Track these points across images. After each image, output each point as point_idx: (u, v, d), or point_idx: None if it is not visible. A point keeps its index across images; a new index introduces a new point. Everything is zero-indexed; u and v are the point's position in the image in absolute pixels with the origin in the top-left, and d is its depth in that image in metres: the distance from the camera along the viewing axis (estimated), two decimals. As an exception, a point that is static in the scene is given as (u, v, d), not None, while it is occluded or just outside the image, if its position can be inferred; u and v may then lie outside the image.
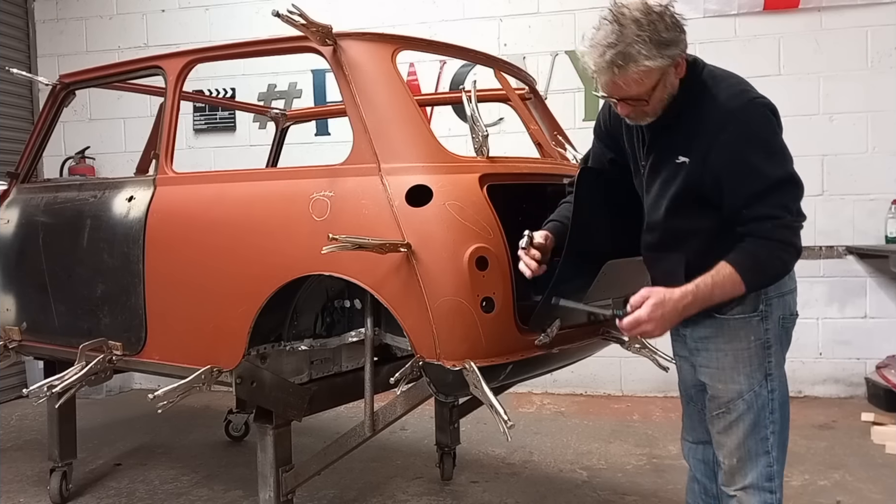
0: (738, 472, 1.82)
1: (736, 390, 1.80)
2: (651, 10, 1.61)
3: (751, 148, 1.65)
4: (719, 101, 1.68)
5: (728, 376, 1.81)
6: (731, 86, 1.71)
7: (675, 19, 1.63)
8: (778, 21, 4.60)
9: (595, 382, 4.89)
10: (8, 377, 4.99)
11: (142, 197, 2.52)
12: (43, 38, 5.60)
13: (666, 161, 1.76)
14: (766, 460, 1.80)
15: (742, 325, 1.79)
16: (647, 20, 1.60)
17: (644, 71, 1.61)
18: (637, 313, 1.66)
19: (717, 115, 1.67)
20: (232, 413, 4.02)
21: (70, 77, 2.99)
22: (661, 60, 1.61)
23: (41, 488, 3.27)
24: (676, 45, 1.62)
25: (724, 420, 1.83)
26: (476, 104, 2.04)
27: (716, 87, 1.71)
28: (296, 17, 1.99)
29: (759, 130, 1.67)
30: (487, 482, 3.33)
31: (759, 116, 1.67)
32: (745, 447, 1.81)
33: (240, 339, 2.20)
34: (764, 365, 1.80)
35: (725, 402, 1.82)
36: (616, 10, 1.62)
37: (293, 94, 5.21)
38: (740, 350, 1.79)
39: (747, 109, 1.67)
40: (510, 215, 2.08)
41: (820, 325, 4.59)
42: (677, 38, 1.62)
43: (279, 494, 2.32)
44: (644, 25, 1.59)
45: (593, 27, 1.65)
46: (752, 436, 1.80)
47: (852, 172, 4.54)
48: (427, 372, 1.97)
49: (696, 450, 2.07)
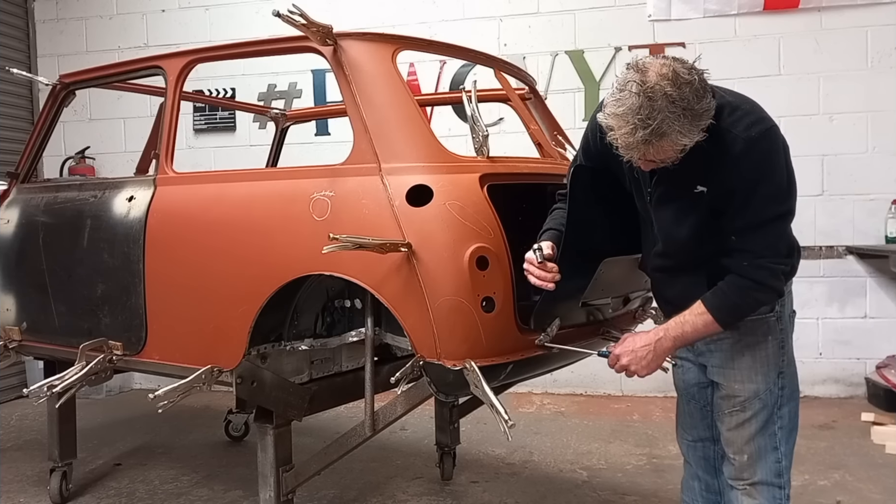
0: (747, 468, 1.85)
1: (753, 389, 1.83)
2: (679, 79, 1.54)
3: (768, 178, 1.66)
4: (738, 131, 1.65)
5: (746, 376, 1.83)
6: (746, 114, 1.68)
7: (703, 80, 1.58)
8: (778, 21, 4.60)
9: (595, 382, 4.89)
10: (8, 377, 4.99)
11: (142, 197, 2.52)
12: (43, 38, 5.60)
13: (681, 190, 1.73)
14: (776, 456, 1.84)
15: (760, 324, 1.81)
16: (679, 95, 1.53)
17: (675, 145, 1.58)
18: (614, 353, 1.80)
19: (738, 144, 1.64)
20: (232, 413, 4.03)
21: (70, 77, 2.99)
22: (698, 135, 1.57)
23: (41, 488, 3.27)
24: (710, 111, 1.57)
25: (738, 418, 1.85)
26: (476, 104, 2.04)
27: (732, 116, 1.67)
28: (296, 17, 1.99)
29: (778, 161, 1.67)
30: (487, 482, 3.33)
31: (770, 148, 1.66)
32: (755, 443, 1.84)
33: (240, 338, 2.20)
34: (778, 363, 1.84)
35: (741, 400, 1.84)
36: (642, 83, 1.54)
37: (293, 94, 5.21)
38: (759, 350, 1.83)
39: (767, 139, 1.66)
40: (510, 215, 2.08)
41: (820, 325, 4.59)
42: (709, 104, 1.57)
43: (279, 494, 2.32)
44: (677, 101, 1.52)
45: (615, 90, 1.59)
46: (763, 432, 1.84)
47: (852, 172, 4.54)
48: (427, 372, 1.97)
49: (696, 447, 2.08)
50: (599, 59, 4.80)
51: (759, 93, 2.18)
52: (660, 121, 1.52)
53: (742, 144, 1.64)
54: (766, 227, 1.68)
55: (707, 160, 1.65)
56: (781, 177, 1.68)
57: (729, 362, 1.86)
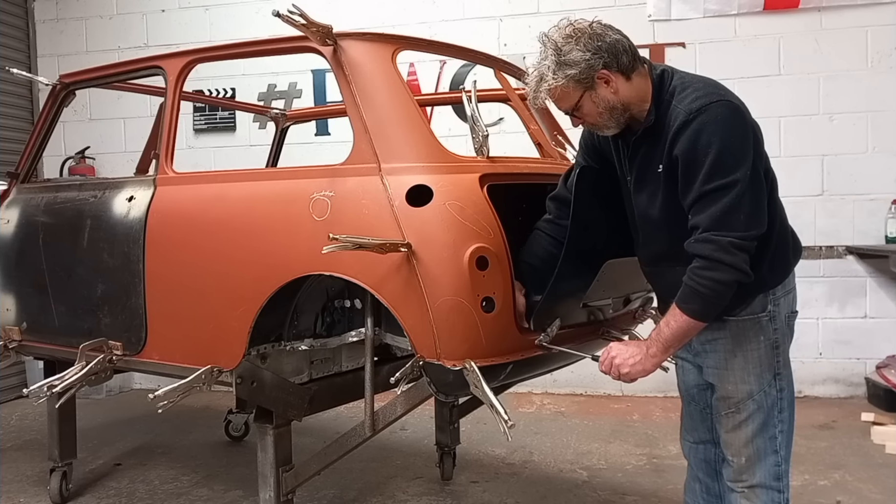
0: (746, 471, 1.84)
1: (746, 391, 1.82)
2: (572, 33, 1.71)
3: (711, 147, 1.63)
4: (682, 106, 1.69)
5: (738, 377, 1.82)
6: (696, 90, 1.71)
7: (592, 38, 1.71)
8: (778, 21, 4.60)
9: (595, 382, 4.89)
10: (8, 377, 4.99)
11: (142, 197, 2.52)
12: (43, 38, 5.60)
13: (647, 172, 1.79)
14: (775, 459, 1.83)
15: (751, 325, 1.80)
16: (561, 44, 1.71)
17: (555, 89, 1.73)
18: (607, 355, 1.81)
19: (679, 119, 1.68)
20: (232, 413, 4.03)
21: (70, 77, 2.99)
22: (562, 80, 1.70)
23: (41, 488, 3.27)
24: (580, 65, 1.70)
25: (734, 419, 1.84)
26: (476, 104, 2.03)
27: (682, 93, 1.72)
28: (296, 17, 1.99)
29: (711, 134, 1.64)
30: (487, 482, 3.33)
31: (713, 119, 1.65)
32: (753, 446, 1.83)
33: (240, 338, 2.20)
34: (773, 365, 1.82)
35: (735, 402, 1.83)
36: (544, 35, 1.75)
37: (293, 94, 5.21)
38: (750, 351, 1.81)
39: (712, 110, 1.66)
40: (510, 215, 2.08)
41: (820, 325, 4.59)
42: (583, 59, 1.69)
43: (279, 494, 2.32)
44: (555, 47, 1.71)
45: None
46: (761, 435, 1.82)
47: (852, 172, 4.54)
48: (427, 372, 1.97)
49: (697, 449, 2.07)
50: (599, 59, 4.80)
51: (759, 93, 2.20)
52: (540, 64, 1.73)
53: (682, 117, 1.67)
54: (709, 198, 1.64)
55: (662, 140, 1.71)
56: (724, 146, 1.63)
57: (722, 363, 1.85)
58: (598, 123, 1.80)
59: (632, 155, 1.84)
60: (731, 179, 1.62)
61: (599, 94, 1.74)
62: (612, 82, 1.73)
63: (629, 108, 1.77)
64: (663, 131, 1.72)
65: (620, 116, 1.78)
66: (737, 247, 1.62)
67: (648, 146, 1.77)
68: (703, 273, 1.64)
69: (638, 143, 1.81)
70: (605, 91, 1.74)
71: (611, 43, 1.72)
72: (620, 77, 1.74)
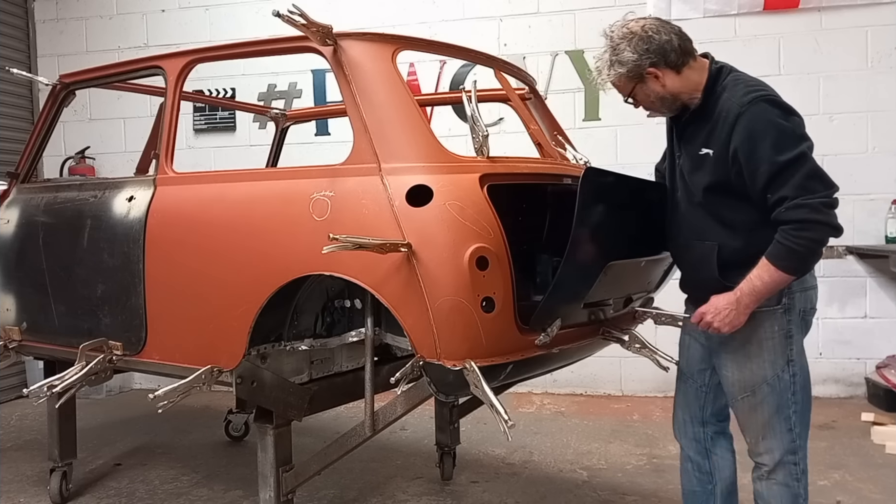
0: (765, 450, 2.03)
1: (761, 375, 2.00)
2: (627, 33, 1.97)
3: (771, 132, 1.84)
4: (735, 99, 1.91)
5: (754, 363, 2.01)
6: (748, 86, 1.94)
7: (642, 40, 1.96)
8: (778, 21, 4.60)
9: (595, 382, 4.89)
10: (8, 377, 4.99)
11: (142, 197, 2.52)
12: (43, 38, 5.61)
13: (692, 153, 2.02)
14: (790, 437, 2.00)
15: (767, 316, 1.98)
16: (616, 43, 1.98)
17: (612, 79, 2.03)
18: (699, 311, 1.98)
19: (733, 111, 1.89)
20: (232, 413, 4.03)
21: (70, 77, 2.99)
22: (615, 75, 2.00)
23: (41, 488, 3.27)
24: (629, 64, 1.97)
25: (749, 402, 2.03)
26: (476, 104, 2.03)
27: (734, 87, 1.95)
28: (296, 17, 1.99)
29: (767, 121, 1.86)
30: (487, 482, 3.33)
31: (765, 109, 1.87)
32: (769, 426, 2.01)
33: (240, 338, 2.20)
34: (786, 352, 2.00)
35: (751, 386, 2.02)
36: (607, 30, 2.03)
37: (293, 94, 5.21)
38: (765, 339, 1.99)
39: (761, 102, 1.88)
40: (510, 215, 2.08)
41: (820, 325, 4.58)
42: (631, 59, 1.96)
43: (279, 494, 2.32)
44: (612, 45, 1.99)
45: None
46: (777, 416, 2.00)
47: (852, 172, 4.53)
48: (427, 372, 1.97)
49: (687, 429, 2.24)
50: (599, 59, 4.80)
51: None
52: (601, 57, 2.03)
53: (736, 109, 1.89)
54: (785, 172, 1.82)
55: (710, 125, 1.96)
56: (782, 128, 1.85)
57: (739, 350, 2.02)
58: (652, 108, 2.09)
59: (680, 135, 2.10)
60: (799, 151, 1.83)
61: (649, 87, 2.01)
62: (660, 77, 1.99)
63: (679, 97, 2.02)
64: (712, 118, 1.96)
65: (672, 104, 2.04)
66: (826, 205, 1.82)
67: (695, 128, 2.02)
68: (800, 234, 1.81)
69: (686, 125, 2.06)
70: (654, 84, 2.00)
71: (659, 44, 1.96)
72: (669, 72, 1.98)
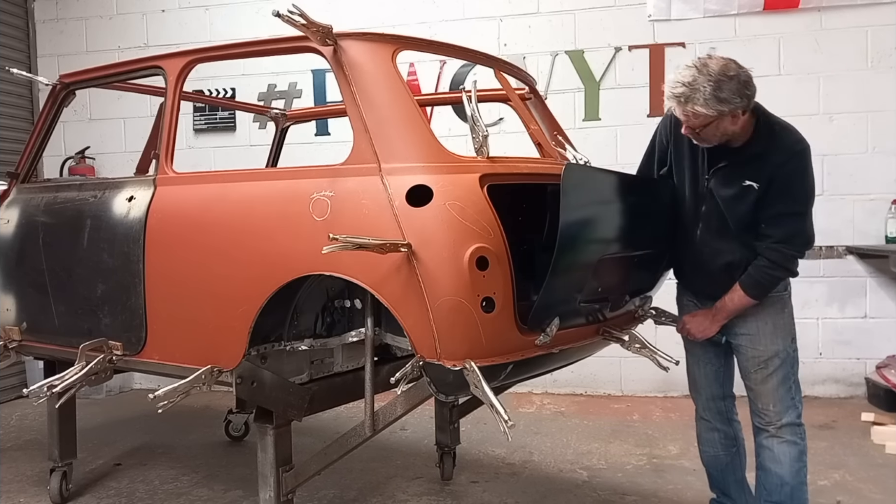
0: (775, 415, 2.34)
1: (774, 350, 2.34)
2: (727, 72, 2.10)
3: (798, 184, 2.21)
4: (786, 144, 2.21)
5: (769, 339, 2.34)
6: (793, 133, 2.25)
7: (742, 85, 2.11)
8: (778, 21, 4.60)
9: (595, 382, 4.89)
10: (8, 377, 4.99)
11: (142, 197, 2.52)
12: (43, 38, 5.60)
13: (734, 182, 2.25)
14: (794, 402, 2.35)
15: (778, 300, 2.35)
16: (717, 78, 2.09)
17: (696, 112, 2.12)
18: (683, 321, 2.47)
19: (785, 154, 2.20)
20: (232, 413, 4.03)
21: (70, 77, 2.99)
22: (711, 111, 2.10)
23: (41, 488, 3.27)
24: (730, 104, 2.10)
25: (762, 374, 2.35)
26: (476, 104, 2.03)
27: (783, 133, 2.24)
28: (296, 17, 1.99)
29: (808, 174, 2.23)
30: (487, 482, 3.33)
31: (805, 164, 2.22)
32: (778, 394, 2.34)
33: (240, 338, 2.20)
34: (792, 329, 2.38)
35: (765, 359, 2.34)
36: (703, 60, 2.14)
37: (293, 94, 5.21)
38: (777, 319, 2.35)
39: (805, 156, 2.22)
40: (510, 215, 2.08)
41: (820, 325, 4.59)
42: (735, 100, 2.10)
43: (279, 494, 2.32)
44: (713, 81, 2.08)
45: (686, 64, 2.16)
46: (783, 384, 2.34)
47: (852, 172, 4.54)
48: (427, 372, 1.97)
49: (710, 405, 2.55)
50: (599, 59, 4.80)
51: (759, 93, 2.20)
52: (693, 88, 2.10)
53: (787, 156, 2.20)
54: (787, 220, 2.22)
55: (758, 163, 2.22)
56: (808, 186, 2.23)
57: (755, 330, 2.35)
58: (706, 139, 2.22)
59: (711, 160, 2.30)
60: (805, 210, 2.24)
61: (725, 124, 2.16)
62: (738, 119, 2.17)
63: (735, 137, 2.21)
64: (762, 157, 2.21)
65: (726, 139, 2.22)
66: (795, 258, 2.26)
67: (741, 163, 2.24)
68: (768, 272, 2.25)
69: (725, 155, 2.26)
70: (729, 123, 2.16)
71: (753, 92, 2.15)
72: (743, 117, 2.18)
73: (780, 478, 2.33)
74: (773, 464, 2.34)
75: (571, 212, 1.96)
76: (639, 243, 2.39)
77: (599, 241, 2.18)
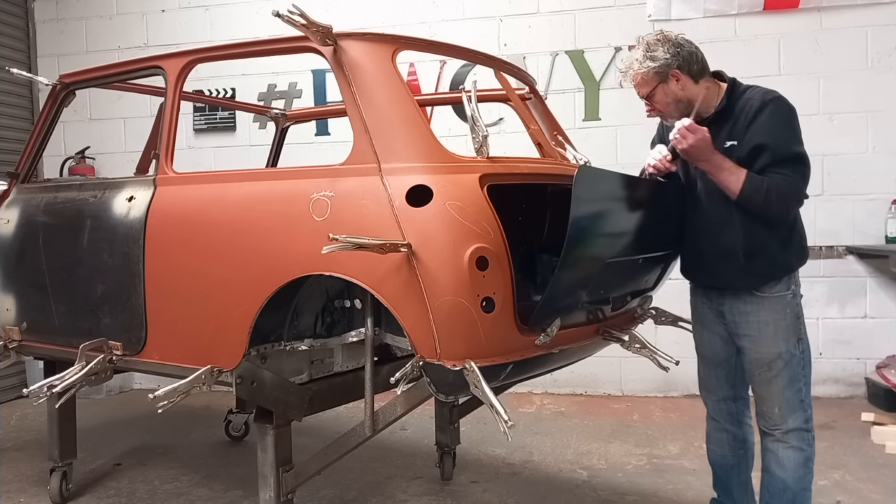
0: (780, 419, 2.29)
1: (776, 352, 2.28)
2: (658, 38, 2.27)
3: (783, 126, 2.18)
4: (757, 97, 2.22)
5: (770, 342, 2.28)
6: (766, 90, 2.26)
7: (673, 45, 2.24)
8: (778, 21, 4.60)
9: (595, 382, 4.89)
10: (8, 377, 4.99)
11: (142, 197, 2.52)
12: (43, 38, 5.60)
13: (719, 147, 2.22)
14: (802, 407, 2.29)
15: (779, 301, 2.28)
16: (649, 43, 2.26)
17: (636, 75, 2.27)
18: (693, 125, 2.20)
19: (757, 104, 2.20)
20: (232, 413, 4.03)
21: (70, 77, 2.99)
22: (646, 69, 2.25)
23: (41, 488, 3.27)
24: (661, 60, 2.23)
25: (766, 376, 2.30)
26: (476, 104, 2.03)
27: (753, 91, 2.26)
28: (296, 17, 1.99)
29: (789, 116, 2.20)
30: (487, 482, 3.33)
31: (788, 107, 2.21)
32: (784, 397, 2.28)
33: (240, 338, 2.20)
34: (797, 331, 2.30)
35: (767, 361, 2.29)
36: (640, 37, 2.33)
37: (293, 94, 5.21)
38: (779, 321, 2.28)
39: (780, 101, 2.21)
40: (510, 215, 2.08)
41: (820, 325, 4.59)
42: (665, 57, 2.23)
43: (279, 494, 2.32)
44: (645, 45, 2.27)
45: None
46: (790, 388, 2.28)
47: (852, 172, 4.54)
48: (427, 372, 1.97)
49: (721, 406, 2.52)
50: (599, 59, 4.81)
51: (759, 93, 2.21)
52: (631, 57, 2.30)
53: (759, 104, 2.19)
54: (793, 162, 2.17)
55: (733, 121, 2.23)
56: (794, 127, 2.20)
57: (756, 331, 2.30)
58: (665, 112, 2.31)
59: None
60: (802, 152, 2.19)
61: (670, 87, 2.26)
62: (681, 80, 2.25)
63: (692, 104, 2.26)
64: (734, 115, 2.24)
65: (684, 109, 2.27)
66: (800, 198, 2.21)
67: (717, 127, 2.24)
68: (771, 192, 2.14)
69: (709, 125, 2.24)
70: (674, 86, 2.26)
71: (688, 51, 2.26)
72: (689, 79, 2.26)
73: (784, 482, 2.28)
74: (777, 468, 2.30)
75: (582, 215, 1.94)
76: (647, 246, 2.36)
77: (608, 242, 2.14)
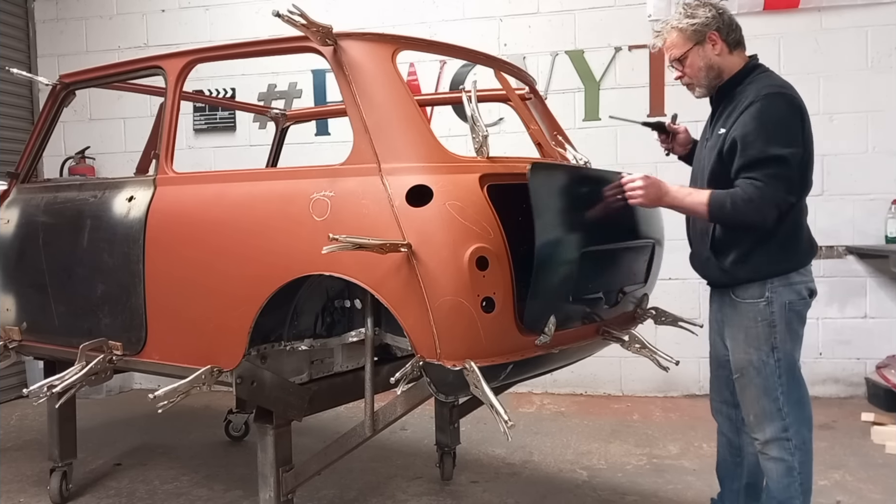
0: (757, 427, 2.26)
1: (746, 359, 2.25)
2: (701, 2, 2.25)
3: (762, 126, 2.07)
4: (755, 91, 2.14)
5: (741, 348, 2.26)
6: (771, 81, 2.18)
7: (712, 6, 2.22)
8: (778, 21, 4.60)
9: (595, 382, 4.89)
10: (8, 377, 4.99)
11: (142, 197, 2.52)
12: (43, 38, 5.60)
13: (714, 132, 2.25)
14: (780, 416, 2.21)
15: (750, 308, 2.23)
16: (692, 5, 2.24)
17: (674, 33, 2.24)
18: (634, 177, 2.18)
19: (751, 97, 2.13)
20: (232, 413, 4.03)
21: (70, 77, 2.99)
22: (684, 26, 2.21)
23: (41, 488, 3.27)
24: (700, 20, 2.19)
25: (740, 383, 2.30)
26: (476, 104, 2.03)
27: (760, 81, 2.18)
28: (296, 17, 1.99)
29: (777, 115, 2.08)
30: (487, 482, 3.33)
31: (777, 103, 2.10)
32: (759, 406, 2.24)
33: (240, 338, 2.20)
34: (770, 340, 2.20)
35: (739, 368, 2.28)
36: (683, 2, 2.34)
37: (293, 94, 5.21)
38: (749, 328, 2.23)
39: (773, 98, 2.10)
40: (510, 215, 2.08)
41: (820, 325, 4.58)
42: (705, 16, 2.20)
43: (279, 494, 2.32)
44: (687, 6, 2.25)
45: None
46: (765, 397, 2.22)
47: (852, 172, 4.54)
48: (427, 372, 1.97)
49: (721, 409, 2.51)
50: (599, 59, 4.80)
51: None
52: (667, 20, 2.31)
53: (752, 97, 2.12)
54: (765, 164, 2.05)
55: (733, 107, 2.19)
56: (785, 124, 2.08)
57: (731, 336, 2.30)
58: (694, 78, 2.27)
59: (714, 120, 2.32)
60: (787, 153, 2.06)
61: (705, 50, 2.22)
62: (717, 45, 2.21)
63: (721, 75, 2.23)
64: (734, 103, 2.18)
65: (714, 79, 2.24)
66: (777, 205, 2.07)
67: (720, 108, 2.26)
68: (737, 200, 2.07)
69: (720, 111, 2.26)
70: (710, 50, 2.22)
71: (729, 18, 2.23)
72: (725, 46, 2.22)
73: (769, 492, 2.29)
74: (766, 476, 2.32)
75: (543, 209, 1.97)
76: (618, 234, 2.38)
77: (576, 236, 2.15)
